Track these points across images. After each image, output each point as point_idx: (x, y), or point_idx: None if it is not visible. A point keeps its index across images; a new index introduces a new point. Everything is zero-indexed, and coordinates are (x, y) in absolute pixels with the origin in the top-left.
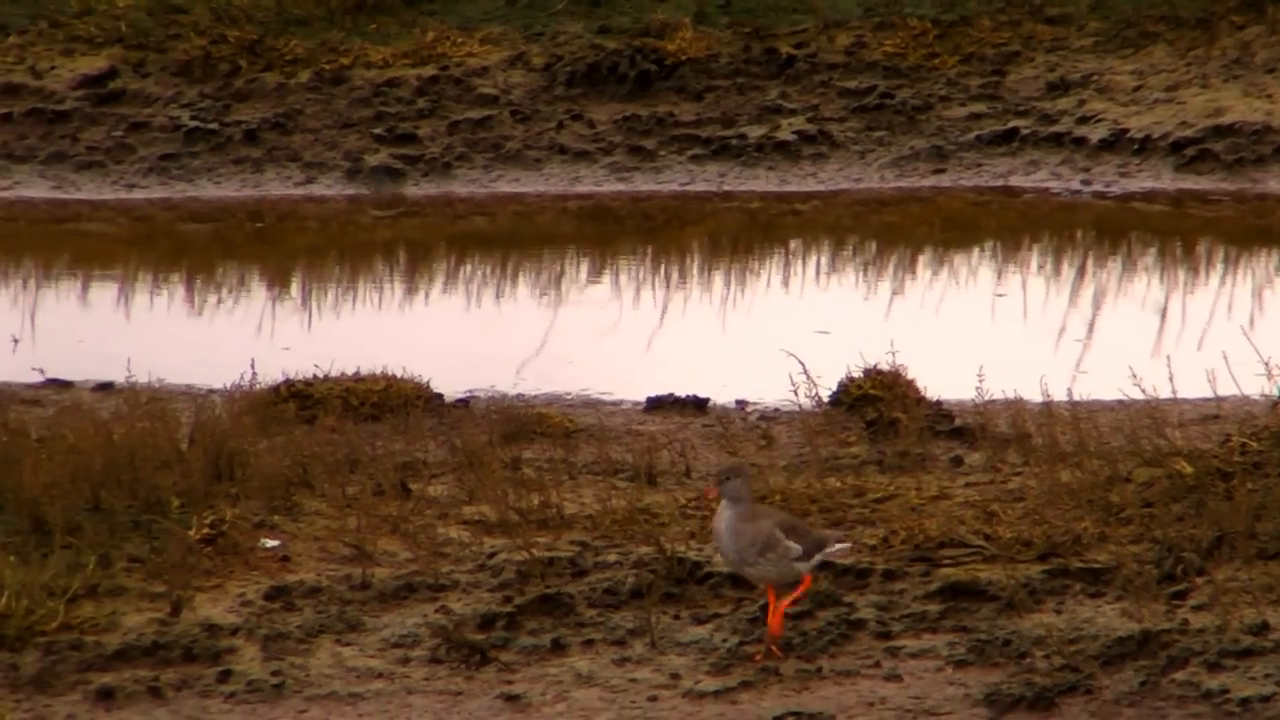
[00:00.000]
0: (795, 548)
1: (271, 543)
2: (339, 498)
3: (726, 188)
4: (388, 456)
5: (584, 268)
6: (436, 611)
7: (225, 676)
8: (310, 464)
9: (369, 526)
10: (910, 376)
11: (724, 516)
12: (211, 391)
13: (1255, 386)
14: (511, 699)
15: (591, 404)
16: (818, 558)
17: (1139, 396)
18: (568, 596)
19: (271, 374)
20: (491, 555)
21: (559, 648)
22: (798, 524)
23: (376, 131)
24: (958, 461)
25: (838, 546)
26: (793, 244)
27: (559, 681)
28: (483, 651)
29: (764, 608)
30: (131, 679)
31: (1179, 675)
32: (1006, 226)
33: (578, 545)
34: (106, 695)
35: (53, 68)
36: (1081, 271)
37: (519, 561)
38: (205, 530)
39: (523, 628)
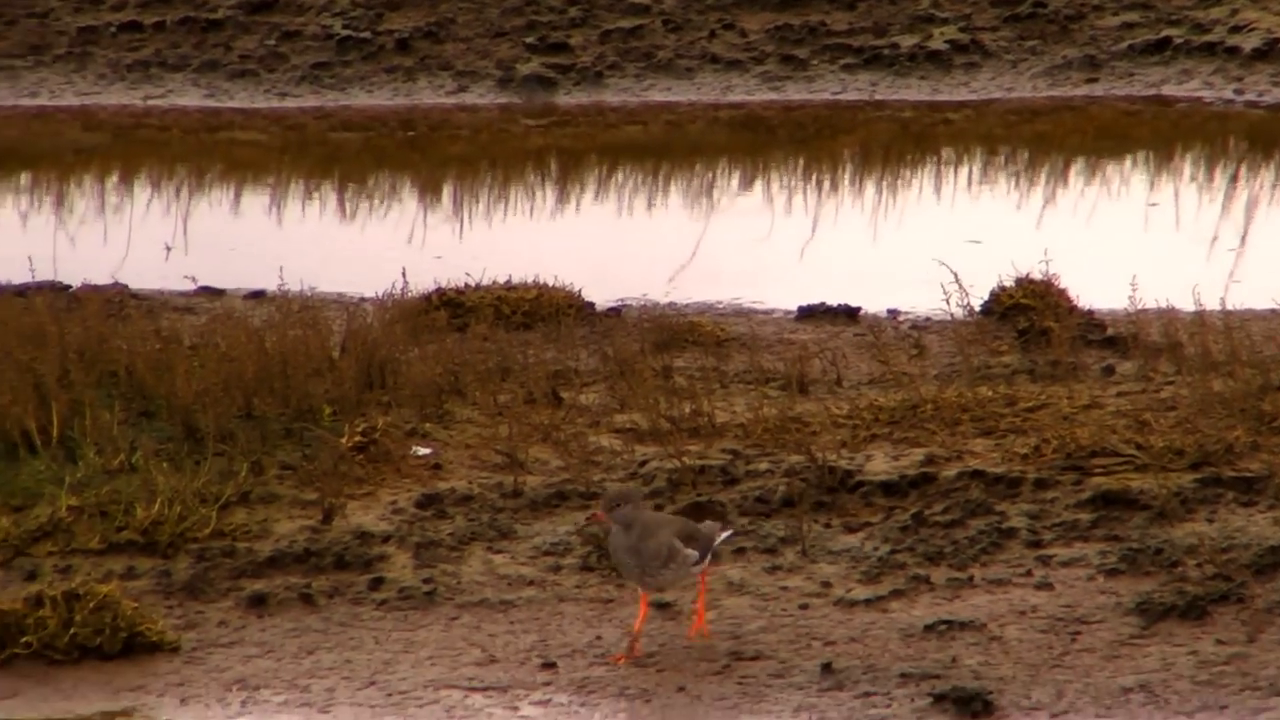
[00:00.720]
0: (693, 554)
1: (423, 450)
2: (490, 406)
3: (878, 97)
4: (539, 365)
5: (735, 177)
6: (588, 520)
7: (377, 584)
8: (462, 372)
9: (520, 435)
10: (1062, 286)
11: (619, 539)
12: (363, 300)
13: None
14: (662, 607)
15: (743, 313)
16: (708, 557)
17: None
18: (719, 505)
19: (423, 282)
20: (643, 463)
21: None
22: (690, 528)
23: (528, 41)
24: (1109, 370)
25: (723, 535)
26: (944, 153)
27: (710, 589)
28: None
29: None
30: (283, 586)
31: None
32: (1159, 136)
33: (729, 454)
34: (258, 602)
35: None
36: (1234, 180)
37: (670, 470)
38: (357, 438)
39: None
